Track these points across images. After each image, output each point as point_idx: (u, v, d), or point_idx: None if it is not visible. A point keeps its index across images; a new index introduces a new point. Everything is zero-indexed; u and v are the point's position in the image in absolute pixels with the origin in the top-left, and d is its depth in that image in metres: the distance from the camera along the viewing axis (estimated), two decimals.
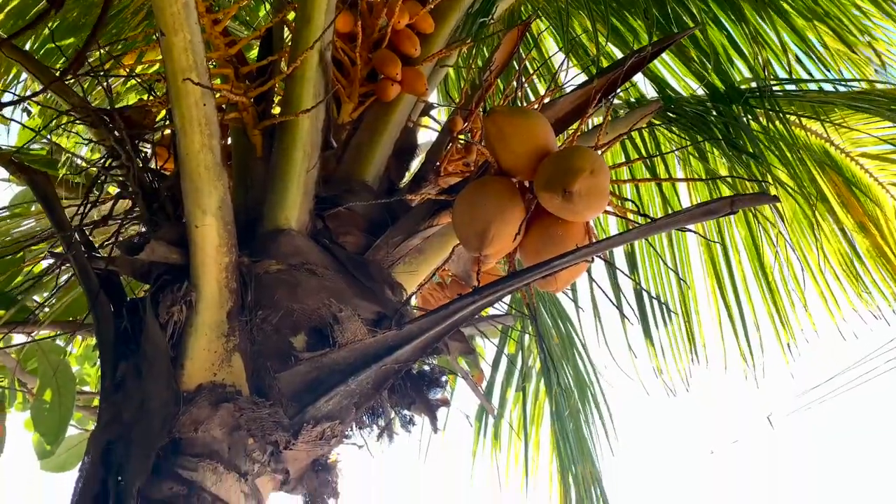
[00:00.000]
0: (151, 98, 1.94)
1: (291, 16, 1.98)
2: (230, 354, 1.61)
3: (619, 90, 1.81)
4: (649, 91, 2.50)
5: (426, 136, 2.44)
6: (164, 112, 1.98)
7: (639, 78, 2.40)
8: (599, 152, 1.71)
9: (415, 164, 2.25)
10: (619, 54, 2.48)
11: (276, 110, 1.99)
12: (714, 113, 2.22)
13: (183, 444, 1.49)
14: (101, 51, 2.00)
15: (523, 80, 2.05)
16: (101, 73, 1.85)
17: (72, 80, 2.07)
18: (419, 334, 1.64)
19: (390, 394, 1.75)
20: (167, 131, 2.06)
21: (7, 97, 2.88)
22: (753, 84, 2.36)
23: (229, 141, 2.06)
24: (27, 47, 2.57)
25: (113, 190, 2.14)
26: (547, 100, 1.90)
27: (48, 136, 2.96)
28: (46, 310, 2.49)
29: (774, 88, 2.31)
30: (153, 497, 1.43)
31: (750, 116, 2.17)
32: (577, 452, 2.75)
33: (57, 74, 1.97)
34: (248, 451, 1.53)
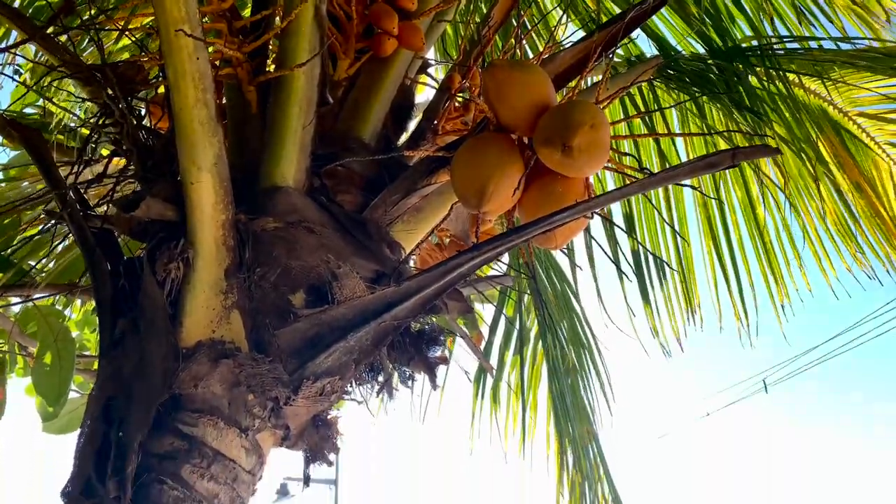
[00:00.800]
0: (144, 55, 1.90)
1: None
2: (229, 312, 1.61)
3: (619, 45, 1.78)
4: (649, 51, 2.47)
5: (424, 96, 2.42)
6: (157, 70, 1.95)
7: (641, 39, 2.38)
8: (600, 108, 1.69)
9: (412, 125, 2.23)
10: (618, 11, 2.44)
11: (272, 68, 1.96)
12: (715, 71, 2.19)
13: (183, 399, 1.50)
14: (93, 6, 1.96)
15: (522, 36, 2.02)
16: (93, 28, 1.81)
17: (63, 38, 2.03)
18: (418, 291, 1.63)
19: (389, 350, 1.76)
20: (161, 89, 2.02)
21: None
22: (754, 42, 2.33)
23: (224, 101, 2.03)
24: (16, 4, 2.52)
25: (107, 151, 2.12)
26: (546, 55, 1.88)
27: (40, 101, 2.93)
28: (43, 274, 2.49)
29: (776, 46, 2.28)
30: (154, 452, 1.44)
31: (750, 72, 2.14)
32: (573, 412, 2.79)
33: (48, 31, 1.93)
34: (249, 407, 1.54)
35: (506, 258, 2.62)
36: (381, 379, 1.76)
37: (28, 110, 3.03)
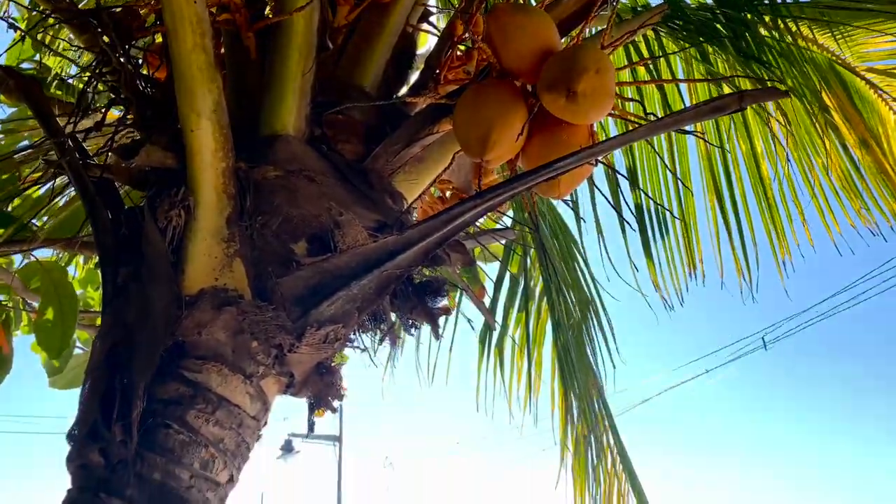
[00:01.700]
0: (141, 0, 1.86)
1: None
2: (231, 260, 1.60)
3: None
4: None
5: (426, 48, 2.37)
6: (153, 17, 1.91)
7: None
8: (605, 53, 1.66)
9: (415, 75, 2.19)
10: None
11: (271, 14, 1.92)
12: (722, 20, 2.15)
13: (187, 346, 1.51)
14: None
15: None
16: None
17: None
18: (421, 239, 1.63)
19: (392, 299, 1.76)
20: (158, 38, 1.99)
21: None
22: None
23: (223, 50, 2.00)
24: None
25: (103, 105, 2.09)
26: (551, 0, 1.84)
27: (37, 56, 2.88)
28: (45, 231, 2.48)
29: None
30: (159, 398, 1.45)
31: (758, 21, 2.10)
32: (578, 367, 2.80)
33: None
34: (253, 354, 1.55)
35: (509, 216, 2.61)
36: (384, 328, 1.76)
37: (24, 65, 2.99)
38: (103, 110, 1.86)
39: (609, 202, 1.79)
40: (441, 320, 1.90)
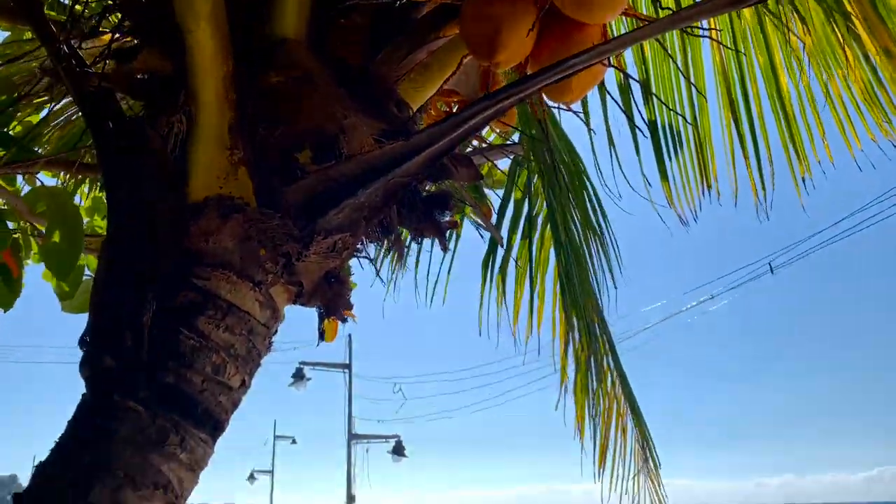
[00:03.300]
0: None
1: None
2: (235, 168, 1.57)
3: None
4: None
5: None
6: None
7: None
8: None
9: None
10: None
11: None
12: None
13: (195, 255, 1.50)
14: None
15: None
16: None
17: None
18: (428, 144, 1.59)
19: (400, 209, 1.73)
20: None
21: None
22: None
23: None
24: None
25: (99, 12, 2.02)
26: None
27: None
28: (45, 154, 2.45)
29: None
30: (169, 305, 1.45)
31: None
32: (580, 290, 2.80)
33: None
34: (261, 262, 1.53)
35: (517, 130, 2.55)
36: (391, 238, 1.74)
37: None
38: (98, 17, 1.80)
39: (620, 107, 1.73)
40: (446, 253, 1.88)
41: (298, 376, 23.03)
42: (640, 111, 2.16)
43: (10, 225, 2.68)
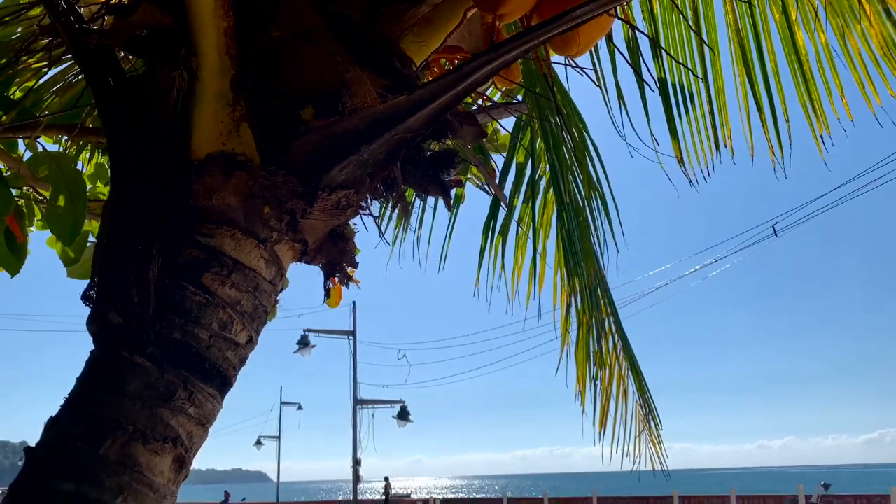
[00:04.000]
0: None
1: None
2: (238, 124, 1.55)
3: None
4: None
5: None
6: None
7: None
8: None
9: None
10: None
11: None
12: None
13: (199, 212, 1.49)
14: None
15: None
16: None
17: None
18: (432, 99, 1.56)
19: (405, 166, 1.71)
20: None
21: None
22: None
23: None
24: None
25: None
26: None
27: None
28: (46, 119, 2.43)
29: None
30: (174, 262, 1.45)
31: None
32: (581, 253, 2.77)
33: None
34: (265, 219, 1.52)
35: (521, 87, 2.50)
36: (395, 196, 1.72)
37: None
38: None
39: (628, 61, 1.68)
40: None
41: (303, 343, 23.29)
42: (649, 70, 2.10)
43: (14, 191, 2.67)
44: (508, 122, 3.08)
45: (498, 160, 3.07)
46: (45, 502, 1.21)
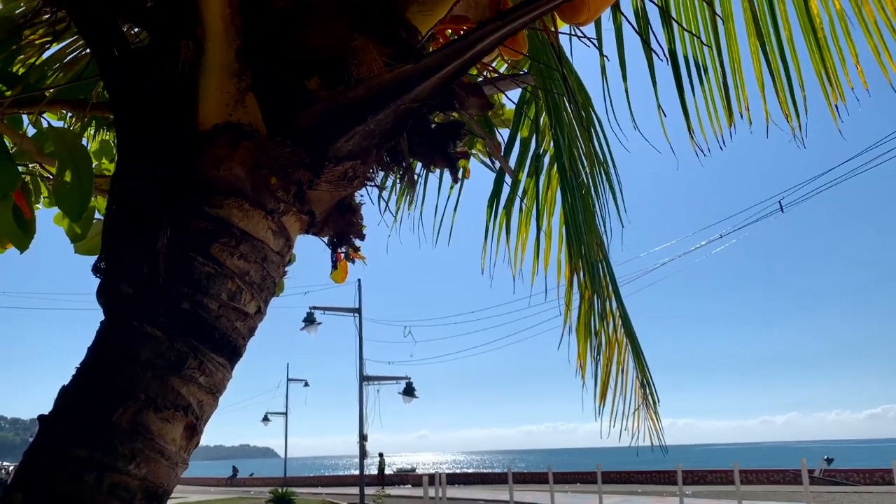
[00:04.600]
0: None
1: None
2: (244, 95, 1.55)
3: None
4: None
5: None
6: None
7: None
8: None
9: None
10: None
11: None
12: None
13: (206, 183, 1.48)
14: None
15: None
16: None
17: None
18: (439, 67, 1.55)
19: (411, 137, 1.71)
20: None
21: None
22: None
23: None
24: None
25: None
26: None
27: None
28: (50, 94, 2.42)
29: None
30: (182, 233, 1.45)
31: None
32: (585, 229, 2.76)
33: None
34: (272, 190, 1.52)
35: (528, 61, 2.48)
36: (402, 168, 1.72)
37: None
38: None
39: (636, 29, 1.66)
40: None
41: (310, 320, 23.46)
42: (658, 40, 2.07)
43: (20, 169, 2.67)
44: (514, 97, 3.06)
45: (502, 138, 3.05)
46: (60, 468, 1.23)
